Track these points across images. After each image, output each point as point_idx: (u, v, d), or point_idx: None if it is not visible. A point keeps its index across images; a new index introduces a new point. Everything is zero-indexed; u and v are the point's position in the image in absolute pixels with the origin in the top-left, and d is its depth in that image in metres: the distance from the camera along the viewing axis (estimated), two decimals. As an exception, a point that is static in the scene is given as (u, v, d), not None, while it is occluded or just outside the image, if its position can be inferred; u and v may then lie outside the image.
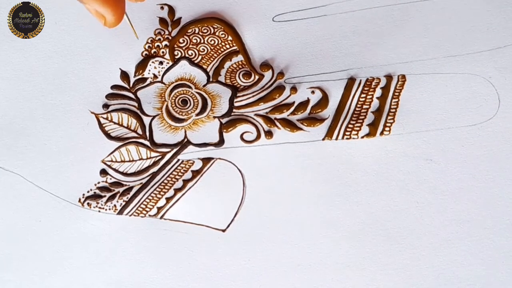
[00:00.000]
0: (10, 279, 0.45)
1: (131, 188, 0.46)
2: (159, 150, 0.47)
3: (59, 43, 0.48)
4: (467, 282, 0.44)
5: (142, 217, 0.46)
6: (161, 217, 0.46)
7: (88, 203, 0.46)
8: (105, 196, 0.46)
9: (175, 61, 0.48)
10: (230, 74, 0.47)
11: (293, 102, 0.47)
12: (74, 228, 0.46)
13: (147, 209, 0.46)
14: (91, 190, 0.46)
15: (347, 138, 0.46)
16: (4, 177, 0.47)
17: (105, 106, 0.47)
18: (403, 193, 0.45)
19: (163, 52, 0.48)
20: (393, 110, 0.46)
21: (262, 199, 0.45)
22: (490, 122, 0.46)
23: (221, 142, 0.46)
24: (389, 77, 0.47)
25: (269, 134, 0.46)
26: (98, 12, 0.40)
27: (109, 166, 0.46)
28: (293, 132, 0.46)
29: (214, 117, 0.47)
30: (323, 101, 0.47)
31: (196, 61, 0.48)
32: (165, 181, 0.46)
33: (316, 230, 0.45)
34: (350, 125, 0.46)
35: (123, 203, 0.46)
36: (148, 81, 0.48)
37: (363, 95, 0.47)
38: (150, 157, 0.47)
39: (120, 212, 0.46)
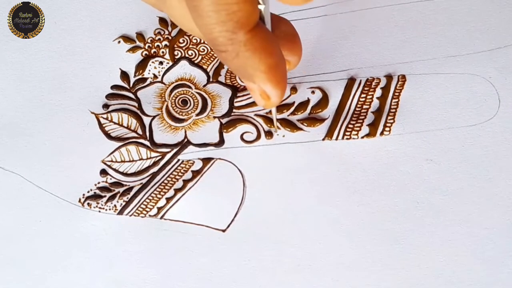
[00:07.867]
0: (10, 279, 0.45)
1: (131, 188, 0.46)
2: (159, 150, 0.47)
3: (59, 43, 0.48)
4: (467, 282, 0.44)
5: (142, 217, 0.46)
6: (161, 217, 0.46)
7: (88, 203, 0.46)
8: (105, 196, 0.46)
9: (175, 61, 0.48)
10: (230, 74, 0.47)
11: (293, 102, 0.47)
12: (74, 228, 0.46)
13: (147, 209, 0.46)
14: (91, 190, 0.46)
15: (347, 138, 0.46)
16: (4, 177, 0.47)
17: (105, 106, 0.47)
18: (403, 193, 0.45)
19: (163, 52, 0.48)
20: (393, 110, 0.46)
21: (262, 199, 0.45)
22: (490, 122, 0.46)
23: (221, 142, 0.46)
24: (389, 77, 0.47)
25: (269, 134, 0.46)
26: (264, 93, 0.35)
27: (109, 166, 0.46)
28: (293, 132, 0.46)
29: (214, 117, 0.47)
30: (323, 101, 0.47)
31: (196, 61, 0.48)
32: (165, 181, 0.46)
33: (316, 230, 0.45)
34: (350, 125, 0.46)
35: (123, 203, 0.46)
36: (148, 81, 0.48)
37: (363, 95, 0.47)
38: (150, 157, 0.46)
39: (120, 212, 0.46)
